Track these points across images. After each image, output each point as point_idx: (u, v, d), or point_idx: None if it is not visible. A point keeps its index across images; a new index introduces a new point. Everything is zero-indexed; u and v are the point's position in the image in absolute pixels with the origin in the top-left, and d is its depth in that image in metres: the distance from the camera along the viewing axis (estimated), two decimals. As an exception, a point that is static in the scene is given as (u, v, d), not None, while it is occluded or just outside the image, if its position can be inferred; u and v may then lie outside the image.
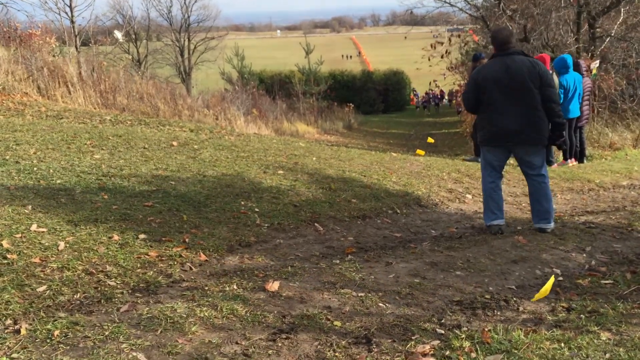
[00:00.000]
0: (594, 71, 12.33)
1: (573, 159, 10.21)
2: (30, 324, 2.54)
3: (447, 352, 2.56)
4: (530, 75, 4.79)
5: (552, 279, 3.22)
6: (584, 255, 4.47)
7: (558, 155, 10.37)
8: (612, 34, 15.16)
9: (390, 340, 2.68)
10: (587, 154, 10.83)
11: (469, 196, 6.68)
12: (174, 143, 7.35)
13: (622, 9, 15.11)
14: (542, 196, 5.02)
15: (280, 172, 6.33)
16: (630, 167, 9.36)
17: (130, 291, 3.06)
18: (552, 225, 5.04)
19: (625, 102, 14.06)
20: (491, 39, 5.22)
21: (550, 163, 9.52)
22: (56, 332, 2.48)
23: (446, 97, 43.65)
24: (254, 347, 2.52)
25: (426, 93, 44.02)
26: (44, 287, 2.93)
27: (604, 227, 5.35)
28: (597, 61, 12.95)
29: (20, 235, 3.57)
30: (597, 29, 15.76)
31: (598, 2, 16.14)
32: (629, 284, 3.67)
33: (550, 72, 8.86)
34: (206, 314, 2.79)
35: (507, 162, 5.37)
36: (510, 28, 12.57)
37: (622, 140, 12.81)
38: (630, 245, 4.77)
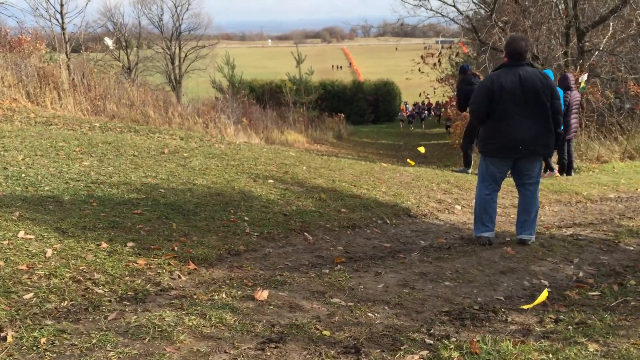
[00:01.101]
0: (582, 84, 12.46)
1: (556, 171, 10.34)
2: (17, 332, 2.52)
3: (436, 363, 2.56)
4: (543, 88, 4.80)
5: (545, 293, 3.23)
6: (572, 267, 4.49)
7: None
8: (601, 48, 15.34)
9: (379, 350, 2.68)
10: (574, 167, 10.91)
11: (458, 207, 6.71)
12: (164, 151, 7.33)
13: (611, 23, 15.30)
14: (531, 207, 5.05)
15: (270, 181, 6.33)
16: (618, 180, 9.45)
17: (118, 299, 3.04)
18: (533, 237, 5.06)
19: (613, 115, 14.20)
20: (506, 46, 5.09)
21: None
22: (43, 340, 2.46)
23: (432, 112, 43.29)
24: (243, 356, 2.51)
25: (415, 105, 44.03)
26: (30, 295, 2.91)
27: (592, 239, 5.39)
28: (586, 74, 13.08)
29: (7, 242, 3.54)
30: (586, 43, 15.94)
31: (587, 16, 16.35)
32: (616, 296, 3.70)
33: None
34: (195, 322, 2.78)
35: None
36: (528, 38, 12.58)
37: (610, 153, 12.93)
38: (617, 258, 4.81)
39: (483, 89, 4.96)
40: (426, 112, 41.63)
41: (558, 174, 10.25)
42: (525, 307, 3.22)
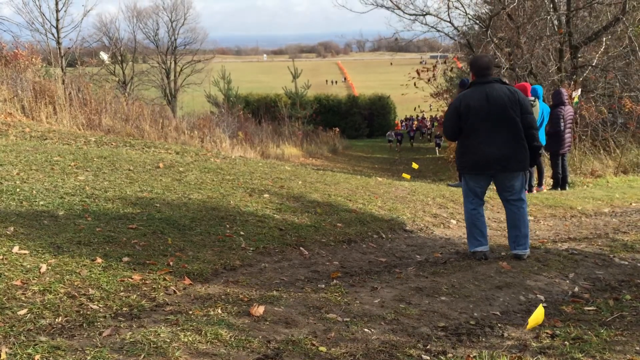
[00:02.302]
0: (576, 99, 12.54)
1: (544, 186, 10.39)
2: (11, 348, 2.50)
3: (433, 379, 2.55)
4: (510, 103, 4.87)
5: (541, 310, 3.21)
6: (567, 281, 4.49)
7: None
8: (594, 64, 15.46)
9: (375, 367, 2.67)
10: (569, 181, 10.95)
11: (454, 221, 6.71)
12: (160, 165, 7.32)
13: (604, 39, 15.43)
14: (520, 222, 5.07)
15: (266, 195, 6.33)
16: (612, 194, 9.48)
17: (113, 315, 3.02)
18: (527, 251, 5.08)
19: (607, 130, 14.28)
20: (470, 66, 5.25)
21: (530, 189, 9.63)
22: (37, 357, 2.43)
23: (424, 130, 41.79)
24: (239, 373, 2.50)
25: (408, 119, 43.92)
26: (24, 311, 2.89)
27: (587, 254, 5.39)
28: (579, 90, 13.17)
29: (1, 257, 3.52)
30: (579, 59, 16.06)
31: (581, 32, 16.49)
32: (611, 311, 3.70)
33: (533, 99, 8.99)
34: (190, 338, 2.76)
35: (489, 187, 5.40)
36: (491, 55, 12.77)
37: (604, 167, 12.98)
38: (612, 272, 4.81)
39: (452, 108, 5.09)
40: (414, 131, 38.66)
41: (545, 189, 10.31)
42: (528, 327, 3.19)
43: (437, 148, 26.59)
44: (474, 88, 5.01)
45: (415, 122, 43.41)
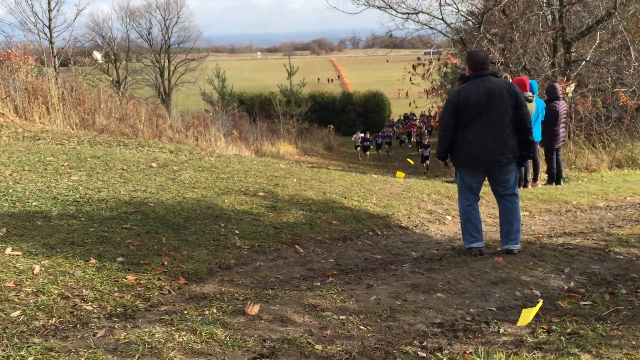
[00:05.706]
0: (570, 94, 12.56)
1: (539, 181, 10.39)
2: (4, 350, 2.48)
3: (429, 376, 2.54)
4: (508, 97, 4.87)
5: (540, 304, 3.21)
6: (563, 276, 4.49)
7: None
8: (587, 59, 15.49)
9: (371, 364, 2.66)
10: (563, 176, 10.96)
11: (449, 217, 6.71)
12: (153, 164, 7.29)
13: (598, 34, 15.46)
14: (513, 216, 5.08)
15: (261, 193, 6.31)
16: (606, 188, 9.49)
17: (107, 316, 3.00)
18: (519, 246, 5.08)
19: (601, 125, 14.31)
20: (467, 60, 5.26)
21: (525, 185, 9.64)
22: (30, 359, 2.42)
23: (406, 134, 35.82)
24: (234, 373, 2.48)
25: (399, 120, 42.88)
26: (18, 312, 2.86)
27: (582, 249, 5.39)
28: (573, 85, 13.19)
29: (-6, 258, 3.50)
30: (573, 53, 16.08)
31: (574, 27, 16.51)
32: (607, 305, 3.70)
33: (531, 94, 8.97)
34: (185, 338, 2.75)
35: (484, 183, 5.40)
36: (487, 51, 12.79)
37: (598, 162, 13.01)
38: (607, 267, 4.81)
39: (449, 104, 5.06)
40: (383, 137, 30.74)
41: (539, 184, 10.30)
42: (520, 323, 3.19)
43: (425, 162, 20.65)
44: (471, 82, 5.00)
45: (390, 128, 36.78)
